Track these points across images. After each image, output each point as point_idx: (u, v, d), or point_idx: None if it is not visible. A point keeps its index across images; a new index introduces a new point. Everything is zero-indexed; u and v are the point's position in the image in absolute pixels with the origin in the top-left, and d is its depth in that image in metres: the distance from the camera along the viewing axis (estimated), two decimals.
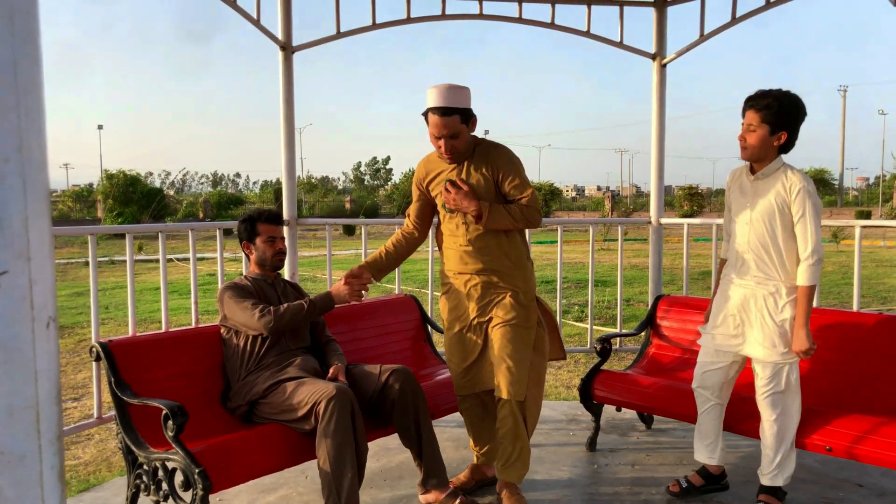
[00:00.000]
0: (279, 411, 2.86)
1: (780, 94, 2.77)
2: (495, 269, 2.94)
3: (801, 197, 2.73)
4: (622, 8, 4.67)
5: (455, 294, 3.02)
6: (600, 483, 3.29)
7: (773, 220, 2.79)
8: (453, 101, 2.80)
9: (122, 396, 2.75)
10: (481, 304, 2.97)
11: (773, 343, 2.80)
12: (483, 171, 2.92)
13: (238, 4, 3.92)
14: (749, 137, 2.80)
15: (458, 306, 3.02)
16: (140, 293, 10.80)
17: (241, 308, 3.01)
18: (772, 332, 2.80)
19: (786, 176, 2.78)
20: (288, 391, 2.84)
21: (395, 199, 54.23)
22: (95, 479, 3.74)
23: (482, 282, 2.95)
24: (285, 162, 4.47)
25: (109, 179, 34.29)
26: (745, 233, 2.87)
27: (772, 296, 2.81)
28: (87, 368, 6.29)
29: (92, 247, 3.34)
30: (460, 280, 2.99)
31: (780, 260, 2.80)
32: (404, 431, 3.00)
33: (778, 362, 2.80)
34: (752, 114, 2.79)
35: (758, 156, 2.82)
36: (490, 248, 2.93)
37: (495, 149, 2.96)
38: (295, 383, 2.86)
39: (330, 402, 2.70)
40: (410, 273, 13.61)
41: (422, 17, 4.47)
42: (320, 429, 2.70)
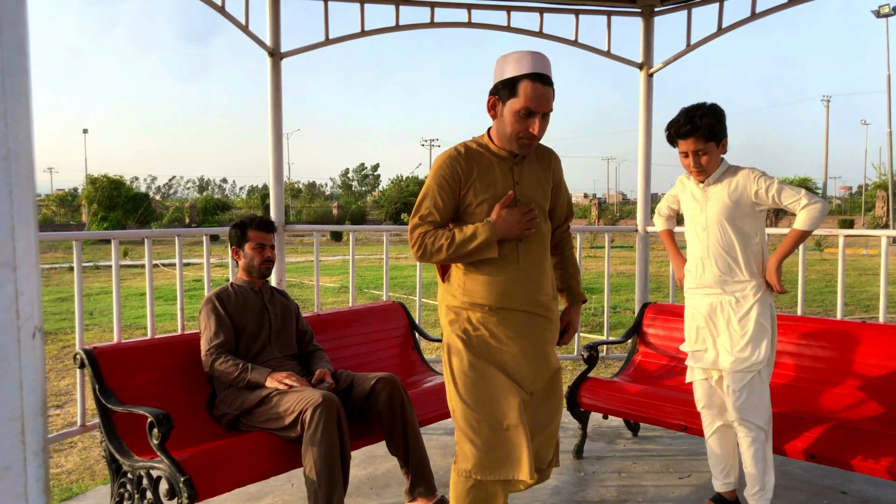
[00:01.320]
0: (266, 419, 2.84)
1: (707, 108, 2.73)
2: (548, 302, 2.35)
3: (762, 179, 2.69)
4: (610, 18, 4.71)
5: (494, 339, 2.25)
6: (587, 490, 3.30)
7: (732, 216, 2.73)
8: (550, 73, 2.21)
9: (107, 404, 2.73)
10: (537, 349, 2.31)
11: (741, 348, 2.72)
12: (540, 175, 2.36)
13: (227, 11, 3.92)
14: (704, 161, 2.74)
15: (502, 355, 2.25)
16: (125, 299, 10.72)
17: (204, 330, 3.06)
18: (738, 336, 2.73)
19: (735, 173, 2.76)
20: (274, 400, 2.83)
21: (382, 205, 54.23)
22: (78, 487, 3.70)
23: (538, 320, 2.32)
24: (273, 167, 4.46)
25: (93, 184, 34.04)
26: (702, 239, 2.82)
27: (737, 299, 2.74)
28: (71, 375, 6.23)
29: (77, 253, 3.32)
30: (512, 318, 2.26)
31: (744, 257, 2.73)
32: (391, 439, 3.00)
33: (748, 370, 2.71)
34: (696, 140, 2.72)
35: (713, 171, 2.79)
36: (545, 272, 2.35)
37: (550, 151, 2.45)
38: (281, 393, 2.85)
39: (316, 410, 2.69)
40: (398, 280, 13.60)
41: (411, 25, 4.49)
42: (307, 437, 2.69)
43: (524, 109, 2.15)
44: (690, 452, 3.75)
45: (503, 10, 4.55)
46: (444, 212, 2.27)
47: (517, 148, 2.24)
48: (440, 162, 2.29)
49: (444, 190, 2.26)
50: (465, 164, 2.27)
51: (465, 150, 2.29)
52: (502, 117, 2.20)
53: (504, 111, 2.19)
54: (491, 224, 2.21)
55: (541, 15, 4.59)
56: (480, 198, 2.26)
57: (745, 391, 2.73)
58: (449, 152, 2.31)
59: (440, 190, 2.26)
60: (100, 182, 33.85)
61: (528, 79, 2.14)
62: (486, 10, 4.56)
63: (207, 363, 2.99)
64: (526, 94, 2.14)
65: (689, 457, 3.69)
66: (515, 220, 2.22)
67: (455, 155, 2.28)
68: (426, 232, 2.26)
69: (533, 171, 2.35)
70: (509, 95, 2.17)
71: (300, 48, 4.39)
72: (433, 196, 2.26)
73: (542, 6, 4.58)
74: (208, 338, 3.02)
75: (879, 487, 3.28)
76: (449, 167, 2.27)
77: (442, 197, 2.26)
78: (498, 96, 2.21)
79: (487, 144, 2.30)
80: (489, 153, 2.29)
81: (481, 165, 2.27)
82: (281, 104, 4.39)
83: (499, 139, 2.27)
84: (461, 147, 2.31)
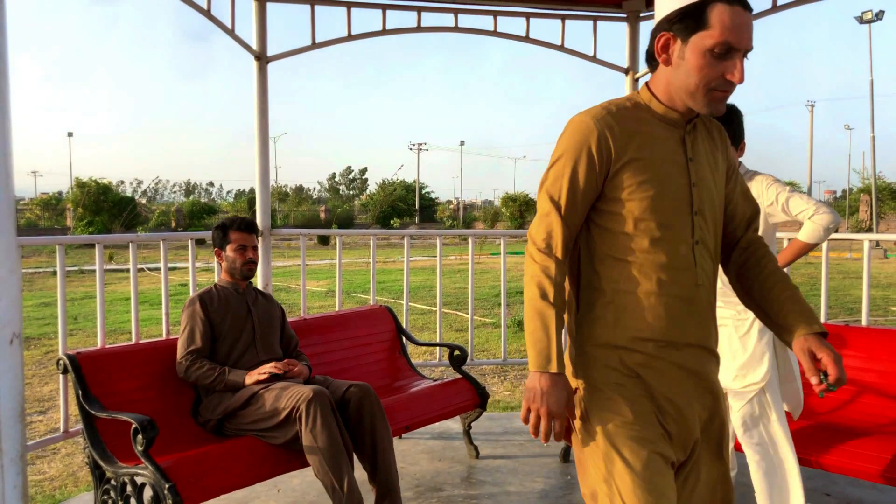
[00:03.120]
0: (253, 420, 2.83)
1: (730, 107, 2.55)
2: (717, 334, 1.70)
3: (773, 187, 2.54)
4: (595, 23, 4.73)
5: (664, 399, 1.60)
6: (573, 494, 3.30)
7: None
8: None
9: (90, 410, 2.71)
10: (705, 403, 1.66)
11: (741, 365, 2.60)
12: (710, 149, 1.70)
13: (213, 14, 3.90)
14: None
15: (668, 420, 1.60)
16: (110, 303, 10.63)
17: (182, 333, 3.04)
18: (739, 352, 2.61)
19: (751, 179, 2.60)
20: (262, 399, 2.82)
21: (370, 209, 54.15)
22: (61, 494, 3.67)
23: (705, 362, 1.66)
24: (259, 171, 4.44)
25: (81, 188, 33.77)
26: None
27: (738, 312, 2.62)
28: (54, 381, 6.17)
29: (60, 257, 3.29)
30: (670, 358, 1.60)
31: None
32: (360, 448, 2.93)
33: (747, 389, 2.60)
34: None
35: None
36: (715, 292, 1.69)
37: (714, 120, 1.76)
38: (268, 392, 2.84)
39: (310, 404, 2.71)
40: (385, 284, 13.58)
41: (397, 29, 4.49)
42: (306, 432, 2.69)
43: (720, 45, 1.51)
44: None
45: (490, 14, 4.56)
46: (580, 200, 1.59)
47: (703, 105, 1.56)
48: (579, 126, 1.59)
49: (585, 168, 1.57)
50: (619, 129, 1.57)
51: (616, 109, 1.60)
52: (682, 61, 1.55)
53: (686, 52, 1.54)
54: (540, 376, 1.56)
55: (527, 20, 4.61)
56: (639, 179, 1.56)
57: (746, 411, 2.61)
58: (593, 112, 1.60)
59: (577, 167, 1.57)
60: (88, 186, 33.59)
61: (724, 1, 1.52)
62: (473, 14, 4.58)
63: (181, 370, 2.99)
64: (723, 22, 1.51)
65: None
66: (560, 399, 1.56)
67: (603, 116, 1.58)
68: (551, 244, 1.59)
69: (704, 145, 1.68)
70: (695, 27, 1.53)
71: (287, 52, 4.38)
72: (568, 176, 1.58)
73: (529, 11, 4.60)
74: (184, 343, 3.01)
75: (863, 489, 3.31)
76: (595, 133, 1.56)
77: (580, 178, 1.57)
78: (673, 32, 1.56)
79: (648, 103, 1.63)
80: (651, 115, 1.62)
81: (642, 133, 1.59)
82: (267, 108, 4.38)
83: (670, 94, 1.60)
84: (611, 105, 1.62)
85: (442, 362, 4.46)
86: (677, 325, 1.59)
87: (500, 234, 5.16)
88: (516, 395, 5.69)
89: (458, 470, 3.58)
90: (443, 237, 4.96)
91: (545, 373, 1.55)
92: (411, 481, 3.42)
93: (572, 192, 1.58)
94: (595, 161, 1.57)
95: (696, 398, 1.63)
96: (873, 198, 35.30)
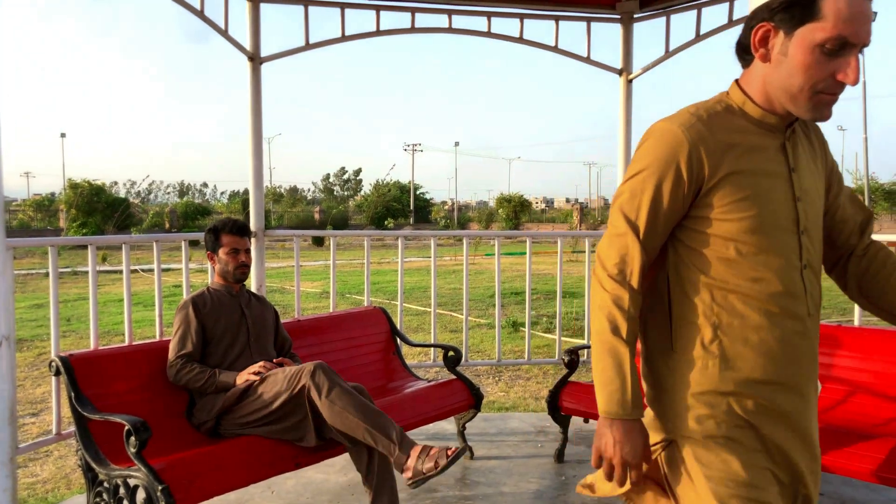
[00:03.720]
0: (252, 411, 2.82)
1: None
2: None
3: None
4: (589, 24, 4.74)
5: (763, 441, 1.39)
6: (568, 494, 3.30)
7: None
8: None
9: (83, 412, 2.69)
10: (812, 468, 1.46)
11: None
12: (811, 156, 1.48)
13: (206, 15, 3.90)
14: None
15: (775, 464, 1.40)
16: (104, 305, 10.59)
17: (173, 337, 3.04)
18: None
19: None
20: (259, 389, 2.82)
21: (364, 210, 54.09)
22: (54, 497, 3.65)
23: (812, 415, 1.47)
24: (253, 172, 4.43)
25: (73, 189, 33.63)
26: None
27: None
28: (47, 383, 6.14)
29: (52, 259, 3.28)
30: (784, 403, 1.40)
31: None
32: (354, 450, 2.87)
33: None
34: None
35: None
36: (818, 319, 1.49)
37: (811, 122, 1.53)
38: (263, 383, 2.85)
39: (314, 375, 2.72)
40: (380, 285, 13.57)
41: (391, 30, 4.49)
42: (324, 402, 2.69)
43: (834, 40, 1.27)
44: None
45: (484, 15, 4.56)
46: (662, 222, 1.38)
47: (806, 110, 1.33)
48: (666, 136, 1.36)
49: (670, 186, 1.36)
50: (713, 141, 1.35)
51: (707, 115, 1.38)
52: (784, 58, 1.32)
53: (791, 47, 1.31)
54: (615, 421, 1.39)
55: (521, 21, 4.61)
56: (737, 197, 1.34)
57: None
58: (680, 119, 1.37)
59: (662, 184, 1.36)
60: (81, 187, 33.45)
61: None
62: (467, 15, 4.58)
63: (172, 373, 2.98)
64: (838, 12, 1.25)
65: None
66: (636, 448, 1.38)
67: (694, 124, 1.36)
68: (625, 270, 1.39)
69: (805, 152, 1.46)
70: (803, 17, 1.28)
71: (280, 53, 4.37)
72: (649, 194, 1.36)
73: (523, 12, 4.60)
74: (175, 347, 3.00)
75: (856, 489, 3.32)
76: (686, 147, 1.34)
77: (664, 197, 1.36)
78: (775, 23, 1.32)
79: (742, 106, 1.40)
80: (747, 120, 1.39)
81: (738, 142, 1.37)
82: (261, 109, 4.37)
83: (767, 95, 1.37)
84: (699, 110, 1.39)
85: (436, 363, 4.46)
86: (792, 364, 1.39)
87: (494, 235, 5.17)
88: (510, 396, 5.69)
89: (453, 471, 3.58)
90: (437, 238, 4.95)
91: (619, 419, 1.37)
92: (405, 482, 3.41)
93: (653, 213, 1.37)
94: (684, 179, 1.34)
95: (804, 455, 1.42)
96: (866, 198, 35.46)
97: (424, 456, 2.66)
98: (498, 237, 5.09)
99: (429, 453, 2.67)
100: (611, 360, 1.38)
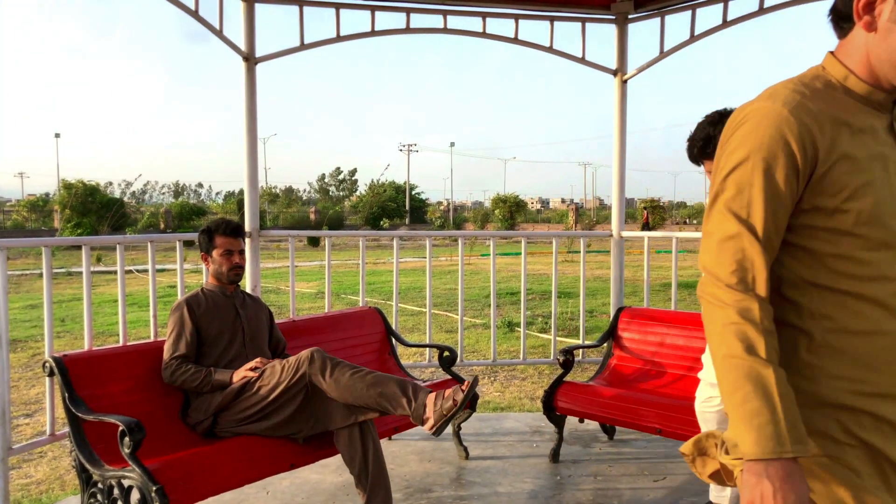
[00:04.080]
0: (251, 405, 2.83)
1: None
2: None
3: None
4: (584, 24, 4.75)
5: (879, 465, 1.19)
6: (563, 494, 3.31)
7: None
8: None
9: (77, 412, 2.69)
10: None
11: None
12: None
13: (201, 15, 3.89)
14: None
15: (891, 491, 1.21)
16: (99, 305, 10.56)
17: (168, 338, 3.03)
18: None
19: None
20: (256, 385, 2.84)
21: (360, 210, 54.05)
22: (48, 498, 3.65)
23: None
24: (248, 172, 4.43)
25: (68, 189, 33.51)
26: None
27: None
28: (41, 383, 6.12)
29: (46, 259, 3.27)
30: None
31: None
32: (348, 451, 2.85)
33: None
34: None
35: None
36: None
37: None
38: (260, 378, 2.87)
39: (312, 360, 2.76)
40: (376, 285, 13.56)
41: (386, 31, 4.49)
42: (329, 381, 2.74)
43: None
44: (665, 455, 3.78)
45: (479, 16, 4.57)
46: (781, 216, 1.20)
47: None
48: (769, 116, 1.18)
49: (784, 171, 1.17)
50: (823, 119, 1.18)
51: (810, 92, 1.20)
52: (895, 26, 1.15)
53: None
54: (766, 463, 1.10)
55: (516, 21, 4.62)
56: (848, 183, 1.17)
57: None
58: (782, 96, 1.19)
59: (773, 171, 1.17)
60: (76, 187, 33.33)
61: None
62: (462, 16, 4.58)
63: (167, 375, 2.98)
64: None
65: (664, 459, 3.72)
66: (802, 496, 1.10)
67: (799, 101, 1.18)
68: (746, 278, 1.17)
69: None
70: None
71: (275, 53, 4.37)
72: (760, 185, 1.18)
73: (518, 12, 4.61)
74: (169, 349, 3.00)
75: None
76: (795, 125, 1.16)
77: (779, 185, 1.17)
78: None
79: (844, 82, 1.23)
80: (850, 96, 1.23)
81: (845, 122, 1.20)
82: (256, 109, 4.37)
83: (871, 69, 1.21)
84: (800, 86, 1.21)
85: (432, 363, 4.46)
86: None
87: (489, 235, 5.18)
88: (506, 396, 5.70)
89: (448, 471, 3.58)
90: (432, 238, 4.96)
91: (776, 460, 1.09)
92: (401, 482, 3.42)
93: (770, 205, 1.17)
94: (798, 162, 1.15)
95: None
96: None
97: (440, 399, 2.69)
98: (493, 237, 5.09)
99: (444, 395, 2.70)
100: (751, 387, 1.11)
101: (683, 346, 3.79)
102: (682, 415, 3.16)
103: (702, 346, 3.73)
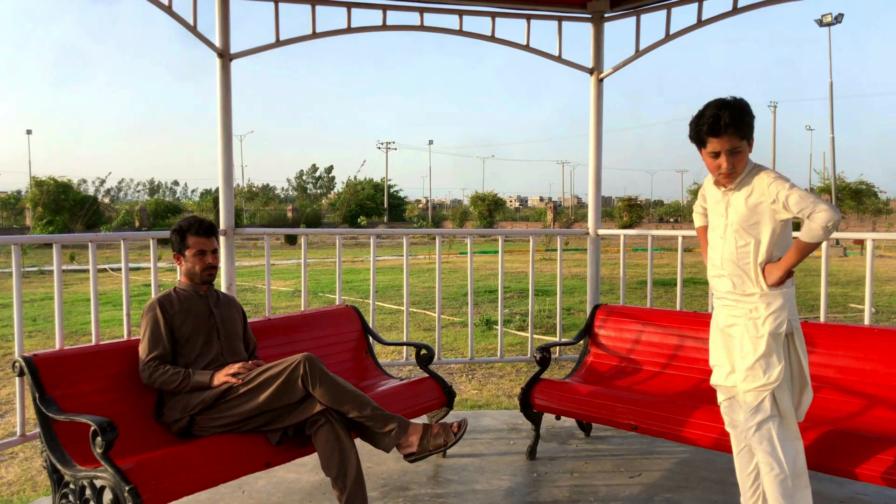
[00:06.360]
0: (236, 406, 2.83)
1: (738, 101, 2.49)
2: None
3: (775, 183, 2.46)
4: (560, 23, 4.77)
5: None
6: (540, 491, 3.32)
7: (749, 224, 2.53)
8: None
9: (47, 413, 2.64)
10: None
11: (750, 365, 2.53)
12: None
13: (174, 10, 3.85)
14: (736, 162, 2.49)
15: None
16: (72, 304, 10.40)
17: (143, 339, 3.00)
18: (750, 351, 2.53)
19: (756, 175, 2.53)
20: (241, 388, 2.84)
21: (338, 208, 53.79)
22: (19, 499, 3.59)
23: None
24: (222, 170, 4.39)
25: (39, 187, 32.94)
26: (719, 247, 2.64)
27: (751, 313, 2.54)
28: (12, 384, 6.02)
29: (15, 257, 3.21)
30: None
31: (755, 272, 2.53)
32: (325, 451, 2.83)
33: (759, 390, 2.51)
34: (731, 137, 2.45)
35: (741, 173, 2.54)
36: None
37: None
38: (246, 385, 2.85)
39: (305, 364, 2.81)
40: (353, 283, 13.52)
41: (361, 28, 4.47)
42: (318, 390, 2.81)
43: None
44: (641, 452, 3.81)
45: (455, 13, 4.57)
46: None
47: None
48: None
49: None
50: None
51: None
52: None
53: None
54: None
55: (493, 19, 4.63)
56: None
57: (757, 412, 2.52)
58: None
59: None
60: (46, 185, 32.77)
61: None
62: (439, 13, 4.58)
63: (145, 376, 2.94)
64: None
65: (640, 456, 3.75)
66: None
67: None
68: None
69: None
70: None
71: (250, 49, 4.33)
72: None
73: (494, 10, 4.62)
74: (145, 349, 2.96)
75: (821, 482, 3.37)
76: None
77: None
78: None
79: None
80: None
81: None
82: (231, 106, 4.33)
83: None
84: None
85: (409, 361, 4.46)
86: None
87: (467, 234, 5.18)
88: (483, 394, 5.71)
89: (425, 469, 3.58)
90: (410, 236, 4.95)
91: None
92: (377, 481, 3.41)
93: None
94: None
95: None
96: (833, 197, 36.14)
97: (429, 436, 2.84)
98: (471, 235, 5.10)
99: (432, 432, 2.86)
100: None
101: (659, 343, 3.83)
102: (658, 411, 3.19)
103: (676, 342, 3.77)
